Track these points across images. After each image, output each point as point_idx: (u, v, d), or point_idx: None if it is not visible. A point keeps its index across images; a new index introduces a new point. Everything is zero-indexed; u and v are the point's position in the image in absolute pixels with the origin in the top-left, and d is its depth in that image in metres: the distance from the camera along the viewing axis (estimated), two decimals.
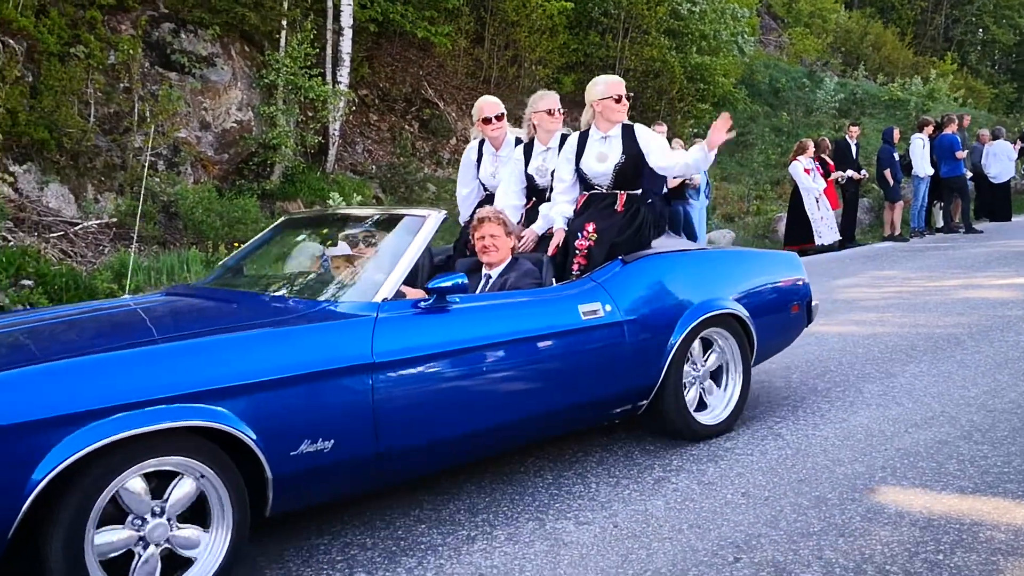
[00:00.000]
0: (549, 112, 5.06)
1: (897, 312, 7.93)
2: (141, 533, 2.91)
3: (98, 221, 9.48)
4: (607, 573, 3.20)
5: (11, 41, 9.21)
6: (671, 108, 18.03)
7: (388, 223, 4.33)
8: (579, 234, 4.68)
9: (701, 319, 4.51)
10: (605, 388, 4.24)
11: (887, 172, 14.11)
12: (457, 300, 3.79)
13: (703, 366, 4.72)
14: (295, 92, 12.03)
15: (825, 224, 13.14)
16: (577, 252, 4.66)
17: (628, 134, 4.78)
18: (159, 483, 2.97)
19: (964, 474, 3.99)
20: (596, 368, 4.18)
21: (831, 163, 13.68)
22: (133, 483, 2.88)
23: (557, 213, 4.87)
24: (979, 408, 4.96)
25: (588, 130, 4.86)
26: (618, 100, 4.76)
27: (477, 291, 4.40)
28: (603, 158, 4.76)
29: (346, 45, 13.04)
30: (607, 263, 4.52)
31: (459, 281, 3.72)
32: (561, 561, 3.31)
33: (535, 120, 5.10)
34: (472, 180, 5.55)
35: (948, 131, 14.53)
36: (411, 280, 4.04)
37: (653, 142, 4.76)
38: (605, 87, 4.81)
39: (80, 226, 9.19)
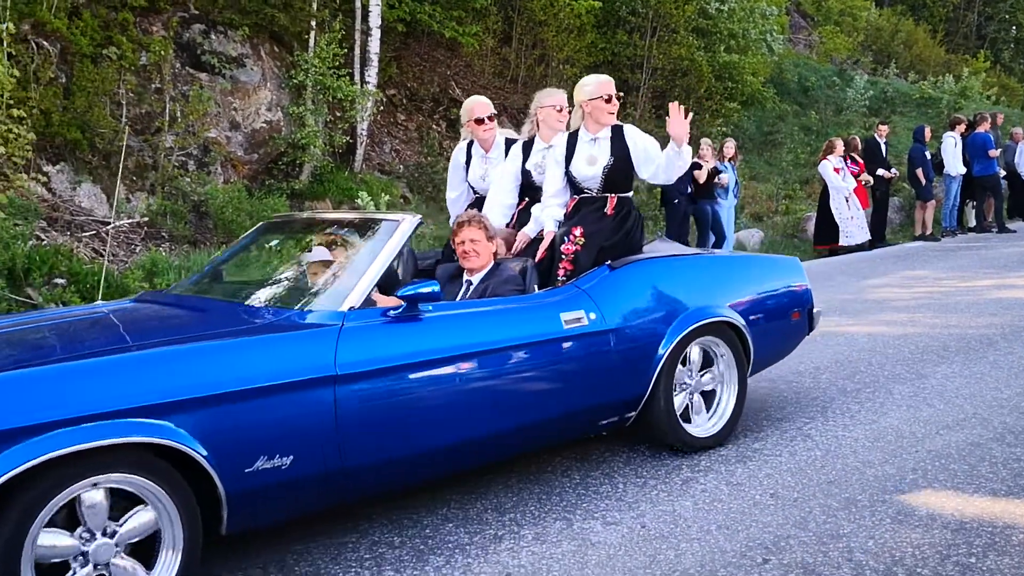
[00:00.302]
0: (556, 109, 4.94)
1: (928, 312, 7.85)
2: (85, 548, 2.79)
3: (129, 220, 9.58)
4: (635, 574, 3.19)
5: (45, 43, 9.33)
6: (699, 107, 17.93)
7: (362, 228, 4.15)
8: (565, 238, 4.51)
9: (693, 327, 4.33)
10: (589, 399, 4.07)
11: (919, 171, 13.97)
12: (430, 308, 3.64)
13: (697, 375, 4.55)
14: (324, 92, 12.09)
15: (855, 223, 13.03)
16: (563, 257, 4.49)
17: (618, 135, 4.61)
18: (128, 505, 2.87)
19: (997, 476, 3.95)
20: (579, 379, 4.01)
21: (861, 162, 13.56)
22: (93, 495, 2.78)
23: (548, 216, 4.72)
24: (1012, 410, 4.90)
25: (578, 132, 4.68)
26: (607, 100, 4.56)
27: (458, 298, 4.28)
28: (592, 161, 4.58)
29: (374, 45, 13.08)
30: (594, 269, 4.36)
31: (431, 289, 3.53)
32: (588, 561, 3.30)
33: (540, 116, 4.97)
34: (461, 183, 5.42)
35: (981, 129, 14.36)
36: (393, 286, 3.93)
37: (642, 144, 4.59)
38: (595, 87, 4.61)
39: (112, 225, 9.29)
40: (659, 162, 4.51)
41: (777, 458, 4.33)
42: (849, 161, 13.26)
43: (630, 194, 4.66)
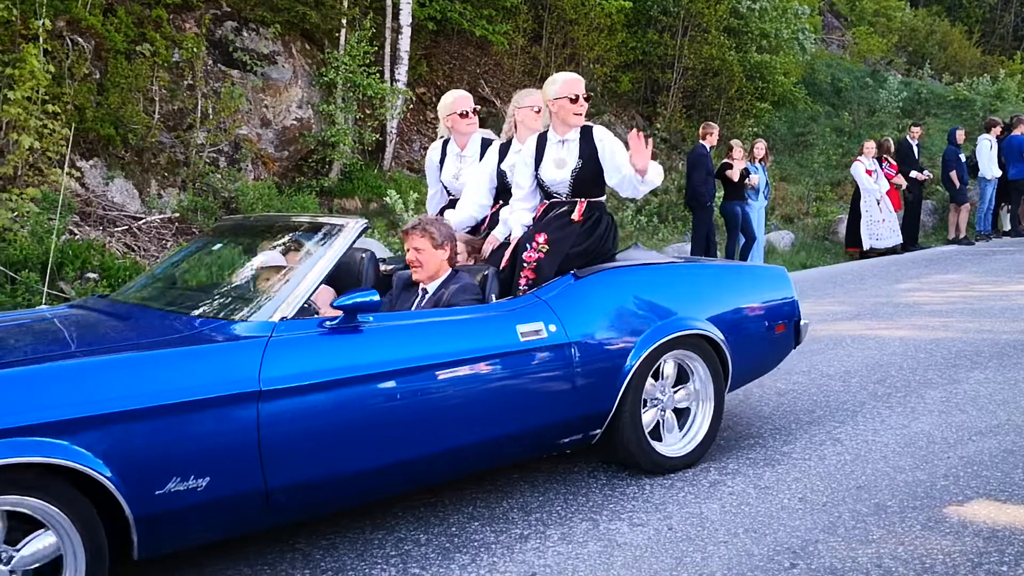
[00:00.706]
0: (534, 110, 4.73)
1: (961, 317, 7.75)
2: None
3: (161, 216, 9.67)
4: None
5: (80, 39, 9.43)
6: (730, 107, 17.83)
7: (307, 232, 3.90)
8: (527, 245, 4.26)
9: (664, 340, 4.07)
10: (546, 417, 3.80)
11: (952, 174, 13.80)
12: (370, 319, 3.41)
13: (670, 391, 4.30)
14: (354, 90, 12.14)
15: (887, 226, 12.90)
16: (525, 265, 4.22)
17: (587, 137, 4.37)
18: (29, 528, 2.71)
19: None
20: (536, 395, 3.77)
21: (895, 164, 13.42)
22: None
23: (515, 221, 4.51)
24: None
25: (547, 133, 4.45)
26: (574, 100, 4.31)
27: (413, 307, 4.08)
28: (561, 164, 4.35)
29: (404, 43, 13.12)
30: (558, 278, 4.11)
31: (369, 298, 3.30)
32: (615, 562, 3.29)
33: (518, 117, 4.81)
34: (435, 183, 5.23)
35: (1017, 132, 14.15)
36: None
37: (610, 149, 4.32)
38: (561, 86, 4.35)
39: (143, 221, 9.38)
40: (625, 174, 4.26)
41: (806, 462, 4.29)
42: (884, 163, 13.12)
43: (602, 199, 4.45)
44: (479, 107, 5.14)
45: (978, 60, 28.49)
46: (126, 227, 9.16)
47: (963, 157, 13.97)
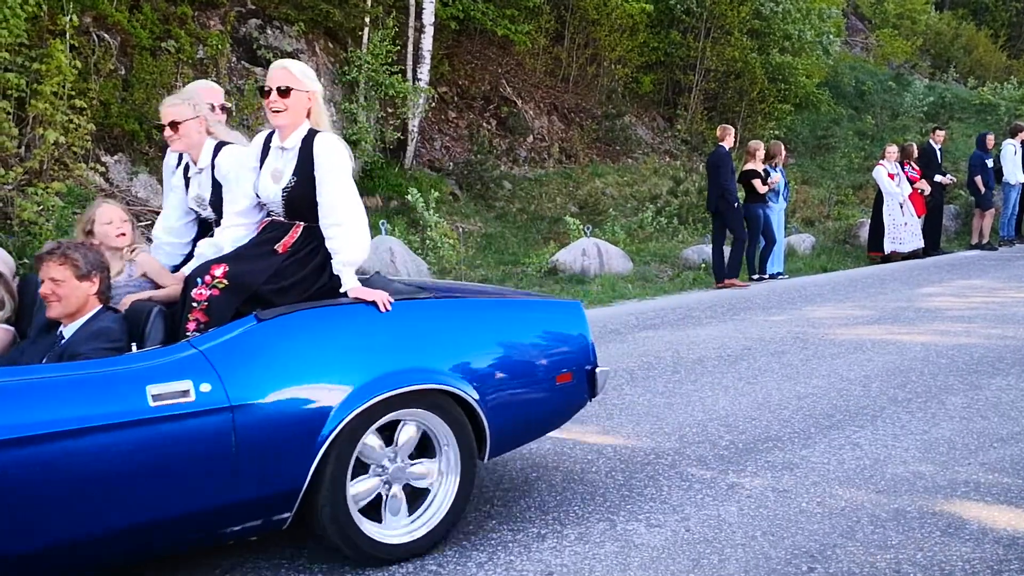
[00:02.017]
0: (213, 109, 3.96)
1: (983, 323, 7.69)
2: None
3: None
4: None
5: (106, 35, 9.52)
6: (751, 109, 17.78)
7: None
8: (199, 280, 3.32)
9: (379, 399, 3.22)
10: (196, 502, 2.96)
11: (978, 179, 13.70)
12: None
13: (403, 461, 3.42)
14: (376, 88, 12.19)
15: (908, 230, 12.83)
16: (195, 305, 3.29)
17: (307, 147, 3.46)
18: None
19: None
20: (176, 475, 2.91)
21: (918, 169, 13.35)
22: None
23: (228, 239, 3.61)
24: None
25: (273, 134, 3.59)
26: (267, 94, 3.46)
27: (44, 359, 3.24)
28: (277, 176, 3.49)
29: (427, 42, 13.16)
30: (234, 320, 3.23)
31: None
32: (631, 563, 3.29)
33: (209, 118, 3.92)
34: (181, 207, 4.04)
35: None
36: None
37: (328, 174, 3.43)
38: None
39: None
40: (334, 221, 3.40)
41: (825, 466, 4.28)
42: (907, 167, 13.05)
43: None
44: (224, 104, 4.32)
45: (1004, 64, 28.27)
46: (149, 221, 9.24)
47: (989, 162, 13.87)
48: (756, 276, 10.97)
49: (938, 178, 13.46)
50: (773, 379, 5.88)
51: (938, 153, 13.81)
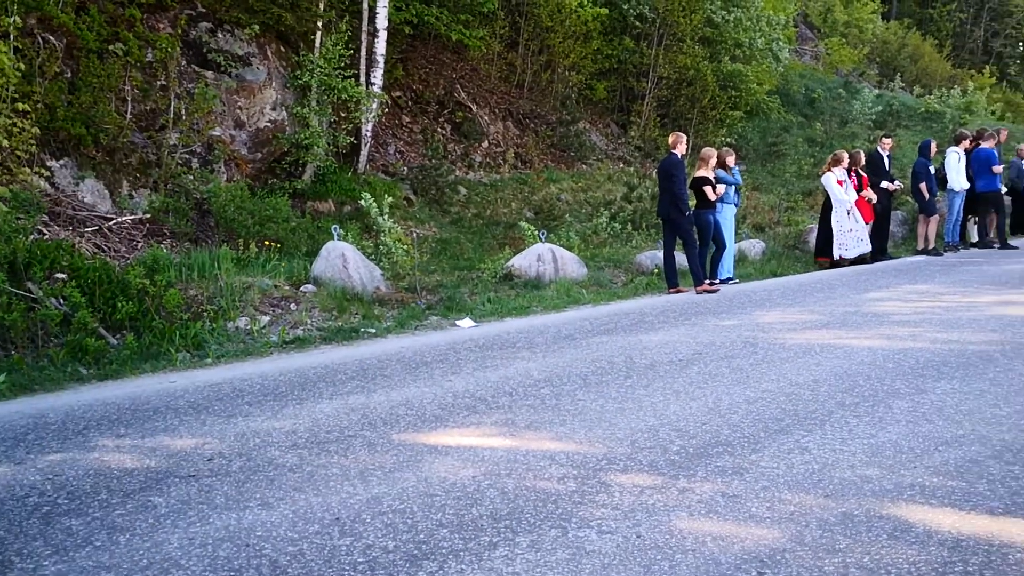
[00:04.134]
0: None
1: (929, 327, 7.83)
2: None
3: (132, 216, 9.58)
4: None
5: (51, 37, 9.33)
6: (703, 116, 17.95)
7: None
8: None
9: None
10: None
11: (922, 185, 13.98)
12: None
13: None
14: (328, 93, 12.10)
15: (854, 236, 13.03)
16: None
17: None
18: None
19: (994, 494, 3.93)
20: None
21: (864, 176, 13.57)
22: None
23: None
24: (1011, 428, 4.88)
25: None
26: None
27: None
28: None
29: (380, 47, 13.10)
30: None
31: None
32: (583, 570, 3.29)
33: None
34: None
35: (987, 145, 14.37)
36: None
37: None
38: None
39: (114, 221, 9.28)
40: None
41: (774, 471, 4.32)
42: (852, 175, 13.27)
43: None
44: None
45: (948, 73, 28.89)
46: (96, 227, 9.06)
47: (932, 169, 14.17)
48: (708, 281, 11.08)
49: (884, 184, 13.70)
50: (723, 384, 5.93)
51: (886, 160, 14.07)
